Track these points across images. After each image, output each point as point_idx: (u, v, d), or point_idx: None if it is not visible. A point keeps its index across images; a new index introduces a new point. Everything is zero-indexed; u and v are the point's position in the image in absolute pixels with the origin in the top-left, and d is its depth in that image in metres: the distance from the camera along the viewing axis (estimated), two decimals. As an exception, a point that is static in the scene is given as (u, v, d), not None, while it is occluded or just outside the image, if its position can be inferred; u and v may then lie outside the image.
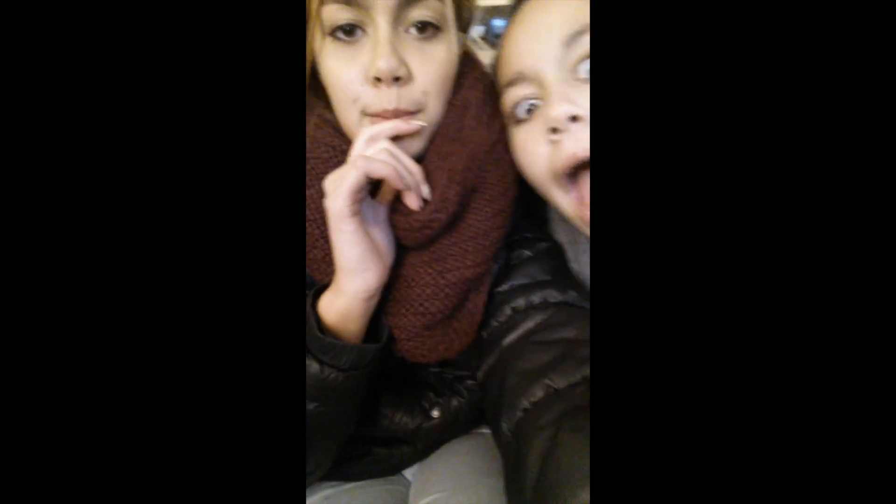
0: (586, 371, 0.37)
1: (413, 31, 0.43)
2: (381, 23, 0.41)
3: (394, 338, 0.47)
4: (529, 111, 0.45)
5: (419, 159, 0.46)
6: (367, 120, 0.44)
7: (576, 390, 0.36)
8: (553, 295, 0.47)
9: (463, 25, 0.49)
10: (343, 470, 0.58)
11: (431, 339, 0.47)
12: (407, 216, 0.44)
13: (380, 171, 0.40)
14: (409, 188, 0.43)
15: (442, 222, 0.43)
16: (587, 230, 0.45)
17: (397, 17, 0.42)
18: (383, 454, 0.59)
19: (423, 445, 0.60)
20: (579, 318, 0.44)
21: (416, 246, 0.46)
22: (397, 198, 0.45)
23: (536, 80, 0.43)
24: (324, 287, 0.44)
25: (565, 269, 0.50)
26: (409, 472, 0.63)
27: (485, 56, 0.53)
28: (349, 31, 0.42)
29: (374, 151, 0.41)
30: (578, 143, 0.41)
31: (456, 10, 0.46)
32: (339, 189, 0.39)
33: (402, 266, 0.47)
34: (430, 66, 0.44)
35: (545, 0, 0.46)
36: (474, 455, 0.57)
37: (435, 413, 0.55)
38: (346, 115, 0.45)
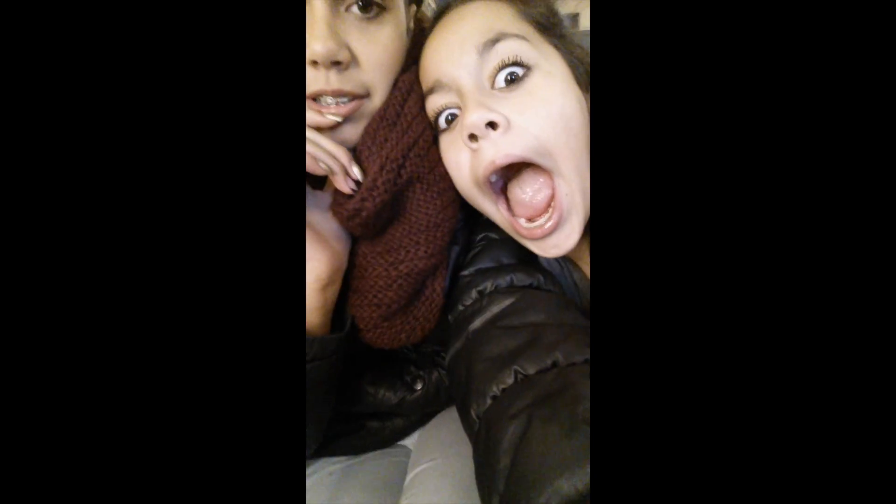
0: (556, 356, 0.36)
1: (355, 9, 0.40)
2: (316, 1, 0.38)
3: (358, 327, 0.47)
4: (450, 120, 0.45)
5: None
6: (308, 103, 0.42)
7: (546, 376, 0.35)
8: (520, 278, 0.47)
9: None
10: (342, 445, 0.61)
11: (391, 328, 0.47)
12: (340, 205, 0.43)
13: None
14: (333, 173, 0.41)
15: (370, 211, 0.42)
16: (522, 240, 0.45)
17: None
18: (376, 427, 0.61)
19: (413, 417, 0.62)
20: (546, 301, 0.44)
21: (361, 235, 0.45)
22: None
23: (454, 88, 0.43)
24: None
25: (531, 253, 0.50)
26: (411, 443, 0.66)
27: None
28: None
29: None
30: (496, 149, 0.41)
31: None
32: None
33: (357, 256, 0.46)
34: (375, 48, 0.42)
35: (463, 9, 0.46)
36: None
37: (417, 386, 0.57)
38: None
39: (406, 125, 0.44)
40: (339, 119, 0.41)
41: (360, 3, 0.40)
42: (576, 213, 0.42)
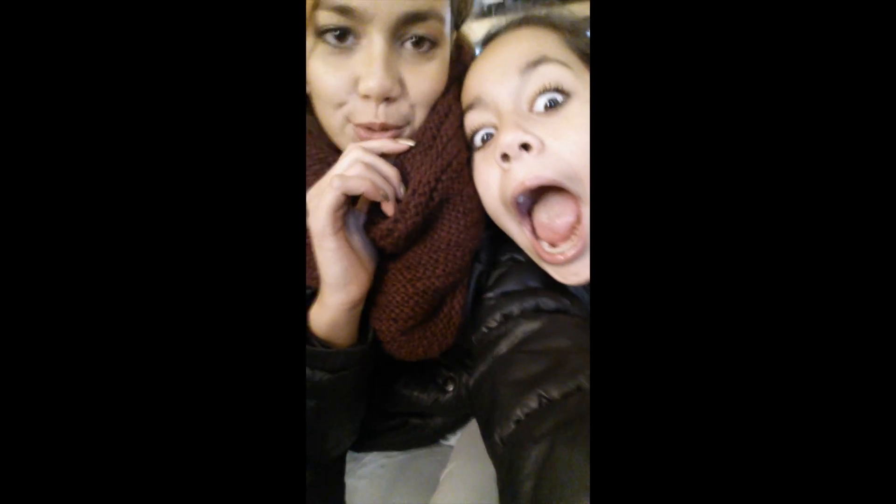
0: (580, 380, 0.36)
1: (409, 45, 0.42)
2: (376, 39, 0.40)
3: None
4: (485, 139, 0.46)
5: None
6: (349, 127, 0.44)
7: (570, 400, 0.35)
8: (546, 303, 0.47)
9: (459, 23, 0.49)
10: (388, 441, 0.64)
11: (409, 342, 0.48)
12: (374, 225, 0.44)
13: (357, 187, 0.40)
14: (386, 199, 0.42)
15: (402, 232, 0.43)
16: (543, 265, 0.46)
17: (395, 34, 0.41)
18: (418, 424, 0.63)
19: (451, 417, 0.64)
20: (573, 326, 0.43)
21: (390, 252, 0.47)
22: (373, 204, 0.44)
23: (493, 107, 0.44)
24: (314, 294, 0.45)
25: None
26: (455, 441, 0.69)
27: (475, 28, 0.55)
28: (341, 36, 0.41)
29: (348, 166, 0.41)
30: (527, 170, 0.41)
31: (454, 16, 0.46)
32: (318, 208, 0.39)
33: (380, 271, 0.47)
34: (423, 81, 0.44)
35: (510, 35, 0.47)
36: None
37: (449, 387, 0.58)
38: (329, 119, 0.45)
39: (441, 148, 0.45)
40: (412, 143, 0.44)
41: (415, 40, 0.42)
42: None
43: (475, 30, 0.55)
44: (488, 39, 0.50)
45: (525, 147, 0.41)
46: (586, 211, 0.42)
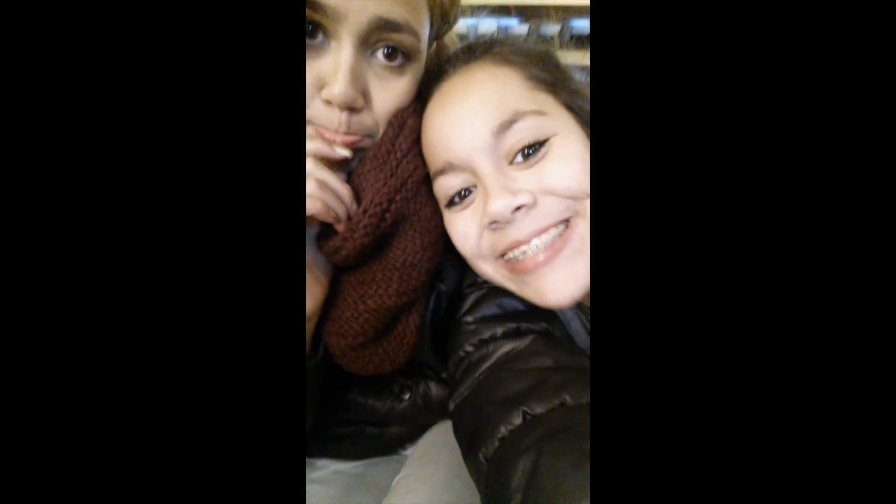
0: (564, 397, 0.37)
1: (380, 56, 0.41)
2: (346, 44, 0.38)
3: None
4: (462, 196, 0.44)
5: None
6: (310, 129, 0.42)
7: (554, 414, 0.36)
8: (526, 326, 0.47)
9: (442, 33, 0.48)
10: (342, 448, 0.61)
11: (360, 358, 0.47)
12: (325, 239, 0.43)
13: (308, 208, 0.39)
14: (338, 220, 0.41)
15: (350, 252, 0.42)
16: (522, 287, 0.44)
17: (365, 41, 0.39)
18: (375, 433, 0.61)
19: (407, 426, 0.62)
20: (554, 347, 0.44)
21: (343, 266, 0.45)
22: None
23: (468, 170, 0.42)
24: None
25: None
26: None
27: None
28: (311, 32, 0.39)
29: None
30: (522, 230, 0.40)
31: (436, 26, 0.44)
32: None
33: (335, 283, 0.47)
34: (389, 97, 0.43)
35: (466, 78, 0.44)
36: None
37: (405, 395, 0.57)
38: None
39: (395, 165, 0.43)
40: (348, 154, 0.41)
41: (387, 51, 0.40)
42: (583, 258, 0.41)
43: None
44: (438, 80, 0.46)
45: (518, 209, 0.39)
46: (579, 222, 0.41)
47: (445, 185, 0.44)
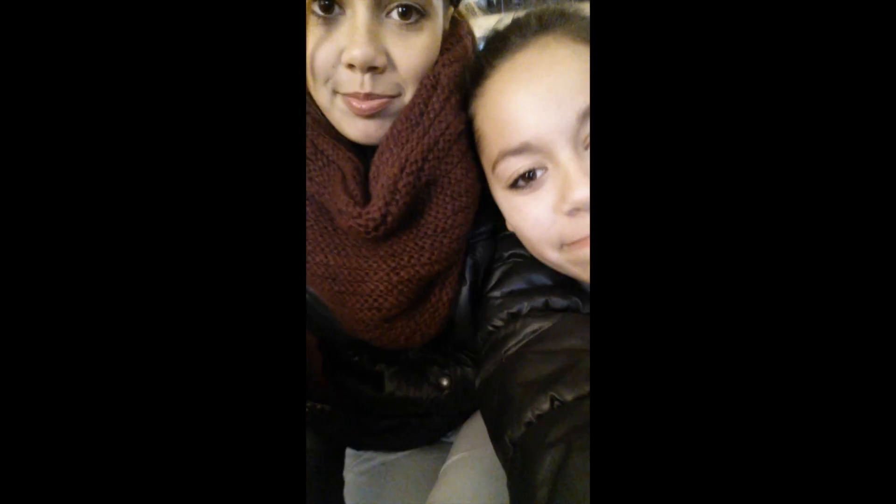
0: (594, 382, 0.35)
1: (395, 16, 0.40)
2: (359, 7, 0.39)
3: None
4: (527, 178, 0.42)
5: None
6: (338, 99, 0.42)
7: (584, 404, 0.34)
8: (555, 301, 0.45)
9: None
10: (386, 441, 0.62)
11: (391, 330, 0.47)
12: (356, 217, 0.41)
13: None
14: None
15: (396, 216, 0.41)
16: (583, 277, 0.43)
17: (379, 2, 0.39)
18: (416, 424, 0.61)
19: (450, 414, 0.62)
20: (585, 325, 0.42)
21: (372, 239, 0.44)
22: (343, 198, 0.42)
23: (546, 152, 0.40)
24: None
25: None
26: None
27: (482, 23, 0.50)
28: (326, 6, 0.39)
29: None
30: None
31: None
32: None
33: (357, 258, 0.45)
34: (412, 53, 0.42)
35: (543, 53, 0.41)
36: None
37: (444, 382, 0.56)
38: (319, 93, 0.43)
39: (428, 124, 0.43)
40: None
41: (401, 10, 0.40)
42: None
43: (480, 24, 0.52)
44: (498, 43, 0.44)
45: None
46: None
47: (514, 166, 0.42)
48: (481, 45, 0.48)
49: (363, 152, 0.46)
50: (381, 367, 0.56)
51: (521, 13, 0.46)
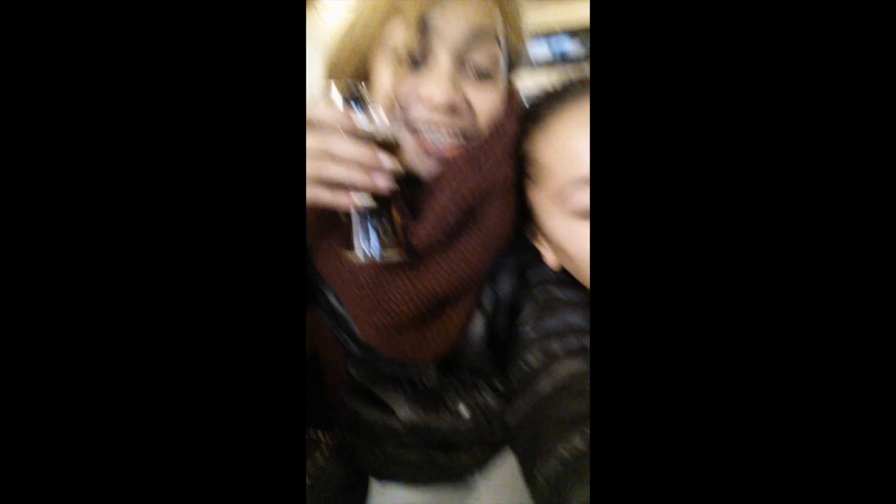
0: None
1: (471, 72, 0.46)
2: (443, 57, 0.44)
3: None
4: None
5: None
6: (411, 138, 0.46)
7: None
8: (590, 342, 0.46)
9: (509, 68, 0.52)
10: (411, 474, 0.62)
11: (401, 339, 0.49)
12: (408, 238, 0.45)
13: (312, 198, 0.38)
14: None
15: (441, 240, 0.45)
16: None
17: (459, 55, 0.44)
18: (442, 459, 0.61)
19: (476, 450, 0.62)
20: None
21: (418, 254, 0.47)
22: (405, 216, 0.46)
23: None
24: None
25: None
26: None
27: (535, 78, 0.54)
28: (417, 62, 0.44)
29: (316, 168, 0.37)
30: None
31: (508, 57, 0.49)
32: None
33: (381, 272, 0.48)
34: (488, 99, 0.47)
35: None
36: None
37: (464, 411, 0.57)
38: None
39: (486, 167, 0.46)
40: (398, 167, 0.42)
41: (476, 72, 0.46)
42: None
43: (527, 84, 0.57)
44: (557, 93, 0.49)
45: None
46: None
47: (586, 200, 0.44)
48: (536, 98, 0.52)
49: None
50: (397, 394, 0.58)
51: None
